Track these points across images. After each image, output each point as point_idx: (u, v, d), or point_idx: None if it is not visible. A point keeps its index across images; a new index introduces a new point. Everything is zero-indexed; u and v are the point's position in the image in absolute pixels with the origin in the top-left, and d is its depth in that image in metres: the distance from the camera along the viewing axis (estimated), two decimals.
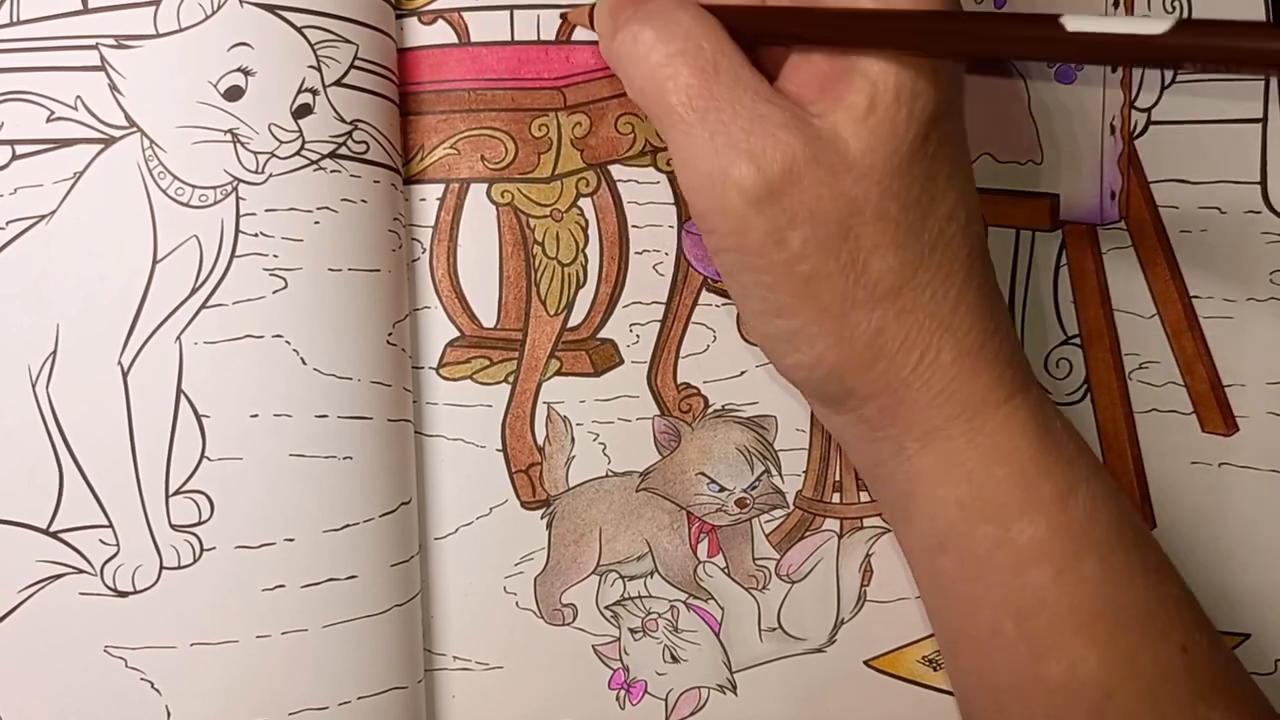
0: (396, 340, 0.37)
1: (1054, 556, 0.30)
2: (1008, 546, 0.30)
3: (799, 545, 0.40)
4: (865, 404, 0.32)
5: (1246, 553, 0.42)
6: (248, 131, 0.34)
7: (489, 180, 0.38)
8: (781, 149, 0.28)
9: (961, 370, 0.30)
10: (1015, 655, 0.31)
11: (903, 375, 0.30)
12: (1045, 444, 0.31)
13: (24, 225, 0.33)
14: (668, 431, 0.39)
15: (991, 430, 0.31)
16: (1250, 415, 0.42)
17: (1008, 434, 0.31)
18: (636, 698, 0.39)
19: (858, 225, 0.29)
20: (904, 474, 0.32)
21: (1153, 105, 0.42)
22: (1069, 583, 0.30)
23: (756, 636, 0.40)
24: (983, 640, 0.32)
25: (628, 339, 0.39)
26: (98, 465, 0.33)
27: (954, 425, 0.31)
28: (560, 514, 0.39)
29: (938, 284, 0.30)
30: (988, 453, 0.31)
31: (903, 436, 0.31)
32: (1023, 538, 0.30)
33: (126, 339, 0.33)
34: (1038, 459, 0.31)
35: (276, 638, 0.34)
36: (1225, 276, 0.42)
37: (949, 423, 0.31)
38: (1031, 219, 0.42)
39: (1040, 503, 0.30)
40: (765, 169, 0.28)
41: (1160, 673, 0.30)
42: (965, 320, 0.30)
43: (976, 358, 0.30)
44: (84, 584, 0.33)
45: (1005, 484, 0.30)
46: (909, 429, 0.31)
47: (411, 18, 0.38)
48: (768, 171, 0.28)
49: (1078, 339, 0.42)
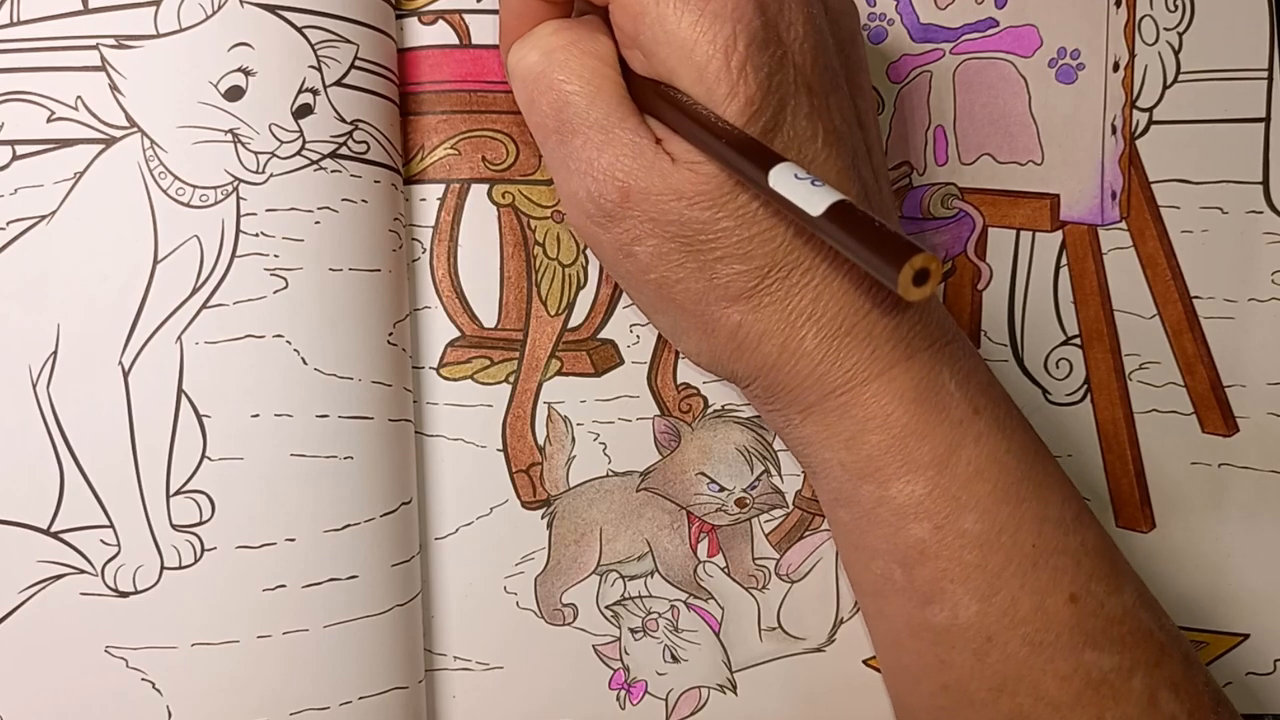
0: (397, 340, 0.37)
1: (932, 513, 0.32)
2: (888, 504, 0.33)
3: (799, 545, 0.40)
4: (748, 385, 0.34)
5: (1246, 553, 0.42)
6: (248, 131, 0.34)
7: (490, 181, 0.38)
8: (620, 175, 0.31)
9: (827, 354, 0.32)
10: (906, 600, 0.33)
11: (770, 361, 0.33)
12: (925, 410, 0.32)
13: (24, 225, 0.33)
14: (668, 431, 0.39)
15: (865, 402, 0.32)
16: (1251, 416, 0.42)
17: (880, 404, 0.32)
18: (637, 698, 0.39)
19: (698, 241, 0.31)
20: (796, 439, 0.35)
21: (1154, 105, 0.42)
22: (949, 536, 0.32)
23: (756, 636, 0.40)
24: (879, 587, 0.34)
25: (628, 339, 0.39)
26: (98, 465, 0.33)
27: (828, 401, 0.33)
28: (561, 514, 0.39)
29: (794, 281, 0.32)
30: (861, 422, 0.33)
31: (787, 410, 0.34)
32: (900, 496, 0.32)
33: (127, 339, 0.33)
34: (913, 425, 0.32)
35: (277, 638, 0.34)
36: (1227, 277, 0.42)
37: (823, 399, 0.33)
38: (1032, 219, 0.42)
39: (917, 465, 0.32)
40: (605, 194, 0.32)
41: (1043, 621, 0.32)
42: (829, 308, 0.32)
43: (844, 340, 0.32)
44: (85, 584, 0.33)
45: (879, 449, 0.32)
46: (789, 405, 0.34)
47: (412, 18, 0.38)
48: (606, 196, 0.32)
49: (1078, 339, 0.42)
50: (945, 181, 0.42)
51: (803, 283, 0.32)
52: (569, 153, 0.32)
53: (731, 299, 0.32)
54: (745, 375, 0.34)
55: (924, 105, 0.41)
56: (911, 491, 0.32)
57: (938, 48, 0.42)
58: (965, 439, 0.33)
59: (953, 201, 0.42)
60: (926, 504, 0.32)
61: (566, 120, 0.32)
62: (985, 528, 0.32)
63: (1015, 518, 0.32)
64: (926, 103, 0.41)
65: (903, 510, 0.33)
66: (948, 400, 0.33)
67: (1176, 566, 0.42)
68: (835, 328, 0.32)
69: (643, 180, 0.31)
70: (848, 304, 0.32)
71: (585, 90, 0.32)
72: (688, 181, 0.31)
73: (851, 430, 0.33)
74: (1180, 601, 0.42)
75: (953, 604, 0.32)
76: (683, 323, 0.34)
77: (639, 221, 0.32)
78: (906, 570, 0.33)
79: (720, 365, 0.34)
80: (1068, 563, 0.33)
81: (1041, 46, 0.42)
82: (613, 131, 0.31)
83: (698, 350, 0.34)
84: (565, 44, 0.32)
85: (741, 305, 0.32)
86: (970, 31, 0.42)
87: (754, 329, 0.32)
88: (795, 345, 0.32)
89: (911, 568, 0.33)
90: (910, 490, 0.32)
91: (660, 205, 0.31)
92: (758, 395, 0.35)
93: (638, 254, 0.32)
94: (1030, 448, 0.34)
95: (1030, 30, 0.42)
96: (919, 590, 0.33)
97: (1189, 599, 0.42)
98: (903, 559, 0.33)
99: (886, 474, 0.33)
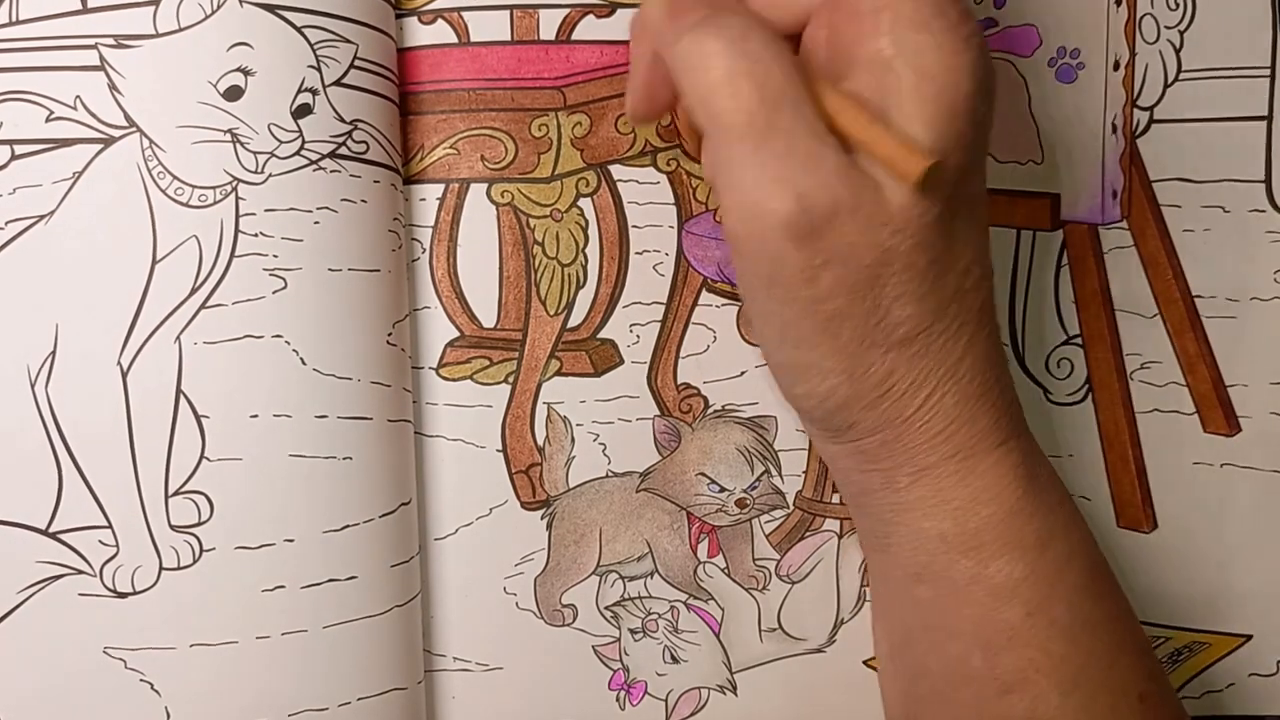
0: (396, 340, 0.37)
1: (1027, 598, 0.32)
2: (984, 582, 0.32)
3: (799, 545, 0.40)
4: (866, 438, 0.32)
5: (1248, 553, 0.42)
6: (247, 131, 0.34)
7: (489, 180, 0.38)
8: (830, 191, 0.29)
9: (961, 414, 0.31)
10: (982, 687, 0.32)
11: (906, 414, 0.32)
12: (1030, 490, 0.32)
13: (23, 225, 0.33)
14: (668, 432, 0.39)
15: (982, 472, 0.32)
16: (1253, 415, 0.42)
17: (997, 476, 0.32)
18: (636, 698, 0.39)
19: (886, 274, 0.30)
20: (890, 504, 0.33)
21: (1155, 103, 0.42)
22: (1039, 624, 0.32)
23: (756, 637, 0.40)
24: (952, 670, 0.33)
25: (628, 339, 0.39)
26: (97, 466, 0.33)
27: (947, 464, 0.32)
28: (560, 514, 0.39)
29: (950, 334, 0.31)
30: (976, 492, 0.32)
31: (896, 471, 0.33)
32: (999, 576, 0.32)
33: (126, 339, 0.33)
34: (1022, 503, 0.32)
35: (276, 638, 0.34)
36: (1228, 276, 0.42)
37: (943, 462, 0.32)
38: (1032, 219, 0.42)
39: (1020, 545, 0.32)
40: (811, 208, 0.29)
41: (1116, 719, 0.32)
42: (971, 368, 0.31)
43: (977, 403, 0.32)
44: (83, 585, 0.33)
45: (989, 523, 0.32)
46: (903, 464, 0.32)
47: (411, 17, 0.38)
48: (813, 211, 0.29)
49: (1079, 339, 0.42)
50: None
51: (956, 338, 0.31)
52: (768, 158, 0.29)
53: (894, 343, 0.31)
54: (871, 427, 0.32)
55: None
56: (1010, 572, 0.32)
57: None
58: (1059, 525, 0.32)
59: None
60: (1023, 588, 0.32)
61: (773, 124, 0.29)
62: (1073, 619, 0.32)
63: (1097, 612, 0.32)
64: None
65: (999, 591, 0.32)
66: (1044, 485, 0.33)
67: (1178, 567, 0.42)
68: (974, 389, 0.31)
69: (853, 199, 0.29)
70: (983, 368, 0.32)
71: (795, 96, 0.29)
72: (898, 208, 0.29)
73: (964, 499, 0.32)
74: (1182, 602, 0.42)
75: (1034, 696, 0.31)
76: (828, 362, 0.31)
77: (839, 243, 0.29)
78: (989, 656, 0.32)
79: (846, 413, 0.32)
80: (1137, 662, 0.32)
81: (1041, 46, 0.41)
82: (823, 144, 0.29)
83: (829, 393, 0.32)
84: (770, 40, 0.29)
85: (900, 351, 0.31)
86: None
87: (904, 378, 0.31)
88: (937, 400, 0.31)
89: (995, 653, 0.32)
90: (1010, 571, 0.32)
91: (868, 230, 0.29)
92: (866, 451, 0.33)
93: (822, 279, 0.29)
94: (1097, 545, 0.34)
95: (1029, 30, 0.41)
96: (999, 678, 0.32)
97: (1191, 600, 0.42)
98: (987, 643, 0.32)
99: (989, 551, 0.32)
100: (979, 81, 0.29)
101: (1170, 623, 0.41)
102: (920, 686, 0.35)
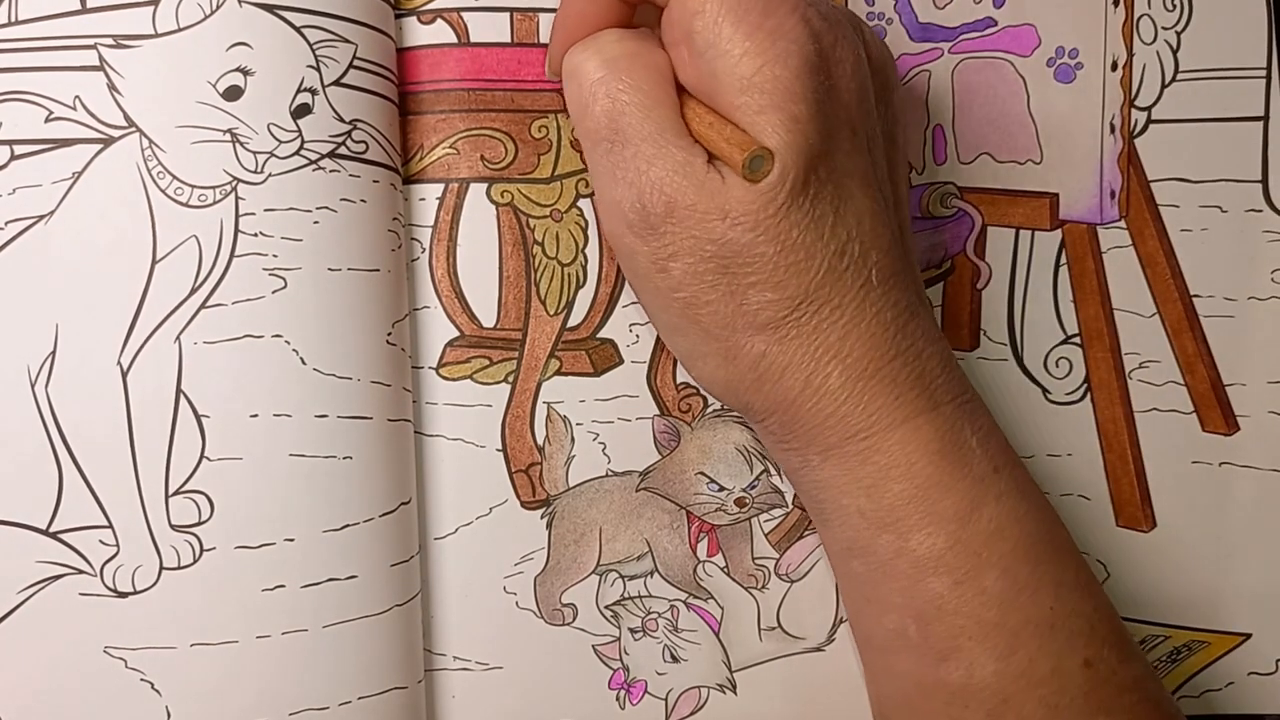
0: (396, 340, 0.37)
1: (953, 568, 0.32)
2: (907, 555, 0.32)
3: (798, 544, 0.40)
4: (764, 419, 0.34)
5: (1247, 552, 0.42)
6: (247, 131, 0.34)
7: (489, 180, 0.38)
8: (665, 190, 0.31)
9: (851, 394, 0.32)
10: (919, 656, 0.33)
11: (790, 397, 0.33)
12: (948, 463, 0.32)
13: (23, 225, 0.33)
14: (667, 431, 0.39)
15: (888, 449, 0.32)
16: (1251, 414, 0.42)
17: (904, 453, 0.32)
18: (636, 698, 0.39)
19: (734, 264, 0.31)
20: (812, 482, 0.34)
21: (1153, 103, 0.42)
22: (968, 593, 0.32)
23: (756, 636, 0.40)
24: (891, 641, 0.34)
25: (627, 339, 0.39)
26: (97, 465, 0.33)
27: (849, 444, 0.32)
28: (560, 514, 0.39)
29: (823, 316, 0.32)
30: (883, 470, 0.32)
31: (807, 450, 0.33)
32: (921, 548, 0.32)
33: (126, 339, 0.33)
34: (936, 477, 0.32)
35: (276, 638, 0.34)
36: (1226, 275, 0.42)
37: (844, 442, 0.33)
38: (1031, 219, 0.42)
39: (939, 517, 0.32)
40: (647, 205, 0.32)
41: (1059, 684, 0.32)
42: (856, 348, 0.32)
43: (869, 382, 0.32)
44: (84, 584, 0.33)
45: (902, 498, 0.32)
46: (809, 444, 0.33)
47: (410, 17, 0.38)
48: (652, 207, 0.32)
49: (1078, 338, 0.42)
50: (944, 180, 0.42)
51: (832, 319, 0.32)
52: (618, 161, 0.32)
53: (758, 327, 0.32)
54: (762, 409, 0.34)
55: (922, 104, 0.41)
56: (933, 544, 0.32)
57: (936, 47, 0.42)
58: (987, 496, 0.32)
59: (952, 200, 0.42)
60: (947, 558, 0.32)
61: (620, 130, 0.32)
62: (1005, 586, 0.32)
63: (1034, 578, 0.32)
64: (925, 102, 0.41)
65: (922, 563, 0.32)
66: (970, 456, 0.33)
67: (1177, 566, 0.42)
68: (861, 369, 0.32)
69: (690, 196, 0.31)
70: (874, 347, 0.32)
71: (643, 103, 0.32)
72: (734, 202, 0.31)
73: (874, 477, 0.32)
74: (1181, 601, 0.42)
75: (969, 662, 0.32)
76: (703, 347, 0.33)
77: (679, 237, 0.32)
78: (922, 626, 0.32)
79: (736, 395, 0.34)
80: (1083, 627, 0.32)
81: (1040, 46, 0.42)
82: (666, 146, 0.32)
83: (714, 377, 0.34)
84: (628, 54, 0.33)
85: (767, 335, 0.32)
86: (968, 31, 0.42)
87: (777, 361, 0.32)
88: (819, 382, 0.32)
89: (927, 623, 0.32)
90: (931, 543, 0.32)
91: (704, 223, 0.31)
92: (773, 432, 0.34)
93: (672, 270, 0.32)
94: (1045, 511, 0.34)
95: (1028, 30, 0.42)
96: (934, 647, 0.32)
97: (1190, 598, 0.42)
98: (918, 614, 0.32)
99: (908, 525, 0.32)
100: (797, 67, 0.31)
101: (1169, 621, 0.42)
102: (868, 659, 0.36)
